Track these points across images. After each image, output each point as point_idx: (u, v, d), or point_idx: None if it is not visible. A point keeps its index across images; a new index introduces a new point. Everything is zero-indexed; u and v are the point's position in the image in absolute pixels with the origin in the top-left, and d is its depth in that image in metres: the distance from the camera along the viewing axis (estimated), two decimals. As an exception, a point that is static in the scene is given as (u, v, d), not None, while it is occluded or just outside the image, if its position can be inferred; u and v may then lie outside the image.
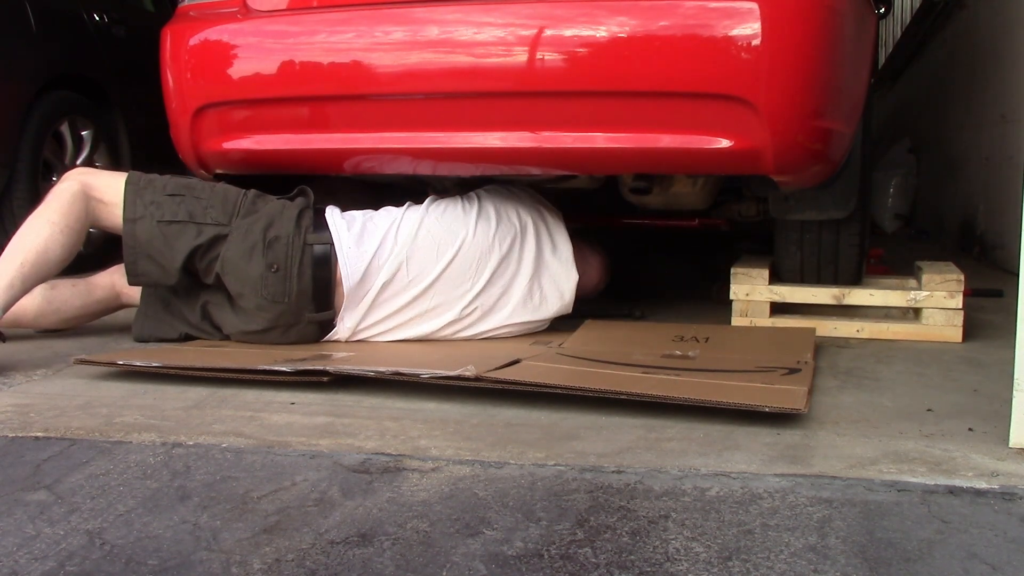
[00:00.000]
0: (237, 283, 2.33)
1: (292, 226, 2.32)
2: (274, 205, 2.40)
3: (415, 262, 2.37)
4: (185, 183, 2.40)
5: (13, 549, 1.28)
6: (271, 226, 2.32)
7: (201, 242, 2.32)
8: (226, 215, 2.35)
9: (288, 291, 2.29)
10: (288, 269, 2.29)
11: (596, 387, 1.83)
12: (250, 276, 2.30)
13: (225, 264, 2.32)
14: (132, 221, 2.33)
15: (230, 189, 2.42)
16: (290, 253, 2.30)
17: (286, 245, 2.30)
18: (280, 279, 2.29)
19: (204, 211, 2.34)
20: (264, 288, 2.30)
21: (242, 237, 2.31)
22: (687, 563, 1.23)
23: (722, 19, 2.20)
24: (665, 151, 2.32)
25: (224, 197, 2.38)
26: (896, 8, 7.24)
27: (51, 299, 2.50)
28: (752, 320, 2.71)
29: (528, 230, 2.50)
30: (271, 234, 2.31)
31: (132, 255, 2.34)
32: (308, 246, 2.31)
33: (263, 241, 2.30)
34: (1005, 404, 1.67)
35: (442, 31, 2.36)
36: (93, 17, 4.23)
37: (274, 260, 2.29)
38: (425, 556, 1.25)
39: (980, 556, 1.25)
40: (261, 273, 2.29)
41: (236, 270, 2.31)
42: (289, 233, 2.31)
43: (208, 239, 2.33)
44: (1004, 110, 4.44)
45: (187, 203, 2.34)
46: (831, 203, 2.60)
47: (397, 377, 1.96)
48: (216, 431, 1.73)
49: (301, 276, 2.30)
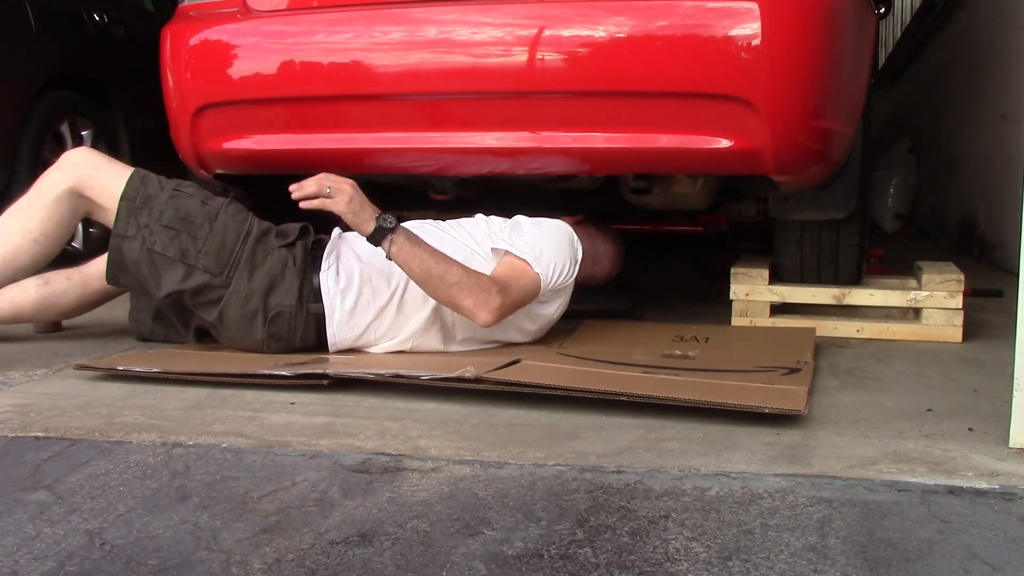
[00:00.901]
0: (239, 337, 2.28)
1: (294, 299, 2.22)
2: (275, 261, 2.24)
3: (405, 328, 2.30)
4: (183, 215, 2.23)
5: (13, 549, 1.28)
6: (272, 292, 2.22)
7: (187, 287, 2.21)
8: (220, 265, 2.21)
9: (290, 349, 2.28)
10: (290, 338, 2.26)
11: (596, 388, 1.83)
12: (252, 338, 2.26)
13: (225, 320, 2.25)
14: (121, 237, 2.22)
15: (229, 230, 2.24)
16: (292, 325, 2.24)
17: (289, 319, 2.23)
18: (282, 345, 2.27)
19: (196, 255, 2.20)
20: (266, 348, 2.27)
21: (243, 301, 2.22)
22: (687, 563, 1.23)
23: (722, 19, 2.20)
24: (665, 151, 2.32)
25: (221, 243, 2.22)
26: (896, 8, 7.24)
27: (46, 295, 2.45)
28: (752, 320, 2.71)
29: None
30: (273, 307, 2.22)
31: (115, 268, 2.25)
32: (311, 316, 2.24)
33: (264, 312, 2.22)
34: (1005, 404, 1.67)
35: (442, 31, 2.36)
36: (93, 17, 4.23)
37: (276, 331, 2.24)
38: (425, 556, 1.25)
39: (980, 556, 1.25)
40: (262, 339, 2.25)
41: (238, 329, 2.26)
42: (291, 307, 2.23)
43: (196, 285, 2.21)
44: (1004, 110, 4.44)
45: (181, 240, 2.21)
46: (831, 203, 2.60)
47: (397, 380, 1.96)
48: (216, 431, 1.73)
49: (304, 339, 2.27)
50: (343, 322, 2.24)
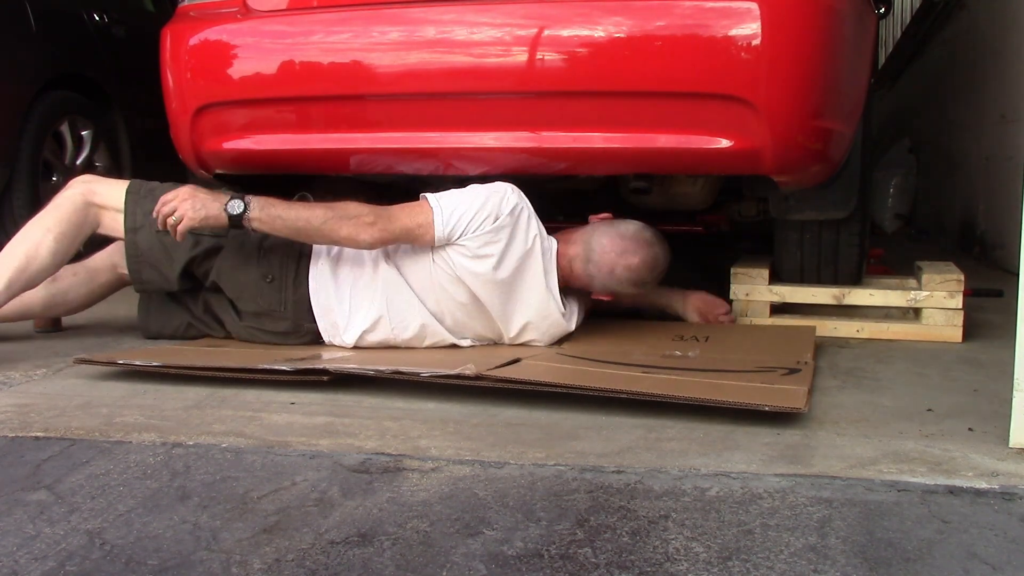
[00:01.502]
0: (234, 289, 2.34)
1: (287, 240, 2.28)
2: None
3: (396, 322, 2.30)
4: None
5: (13, 549, 1.28)
6: (268, 235, 2.29)
7: (198, 253, 2.33)
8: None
9: (283, 300, 2.30)
10: (283, 279, 2.28)
11: (596, 386, 1.83)
12: (245, 284, 2.31)
13: (220, 273, 2.33)
14: (133, 230, 2.36)
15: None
16: (285, 264, 2.29)
17: (281, 256, 2.29)
18: (275, 288, 2.29)
19: None
20: (260, 296, 2.30)
21: (238, 246, 2.31)
22: (687, 563, 1.23)
23: (722, 19, 2.20)
24: (665, 151, 2.32)
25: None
26: (896, 8, 7.24)
27: (55, 292, 2.51)
28: (752, 320, 2.71)
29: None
30: (267, 243, 2.30)
31: (135, 264, 2.38)
32: (304, 257, 2.30)
33: (259, 250, 2.30)
34: (1005, 404, 1.67)
35: (442, 31, 2.36)
36: (93, 17, 4.23)
37: (269, 271, 2.28)
38: (425, 556, 1.25)
39: (980, 556, 1.25)
40: (256, 281, 2.29)
41: (232, 278, 2.32)
42: (284, 243, 2.28)
43: (204, 249, 2.34)
44: (1004, 110, 4.44)
45: None
46: (831, 203, 2.60)
47: (397, 376, 1.96)
48: (216, 431, 1.73)
49: (297, 286, 2.29)
50: (326, 267, 2.28)
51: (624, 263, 2.27)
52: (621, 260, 2.27)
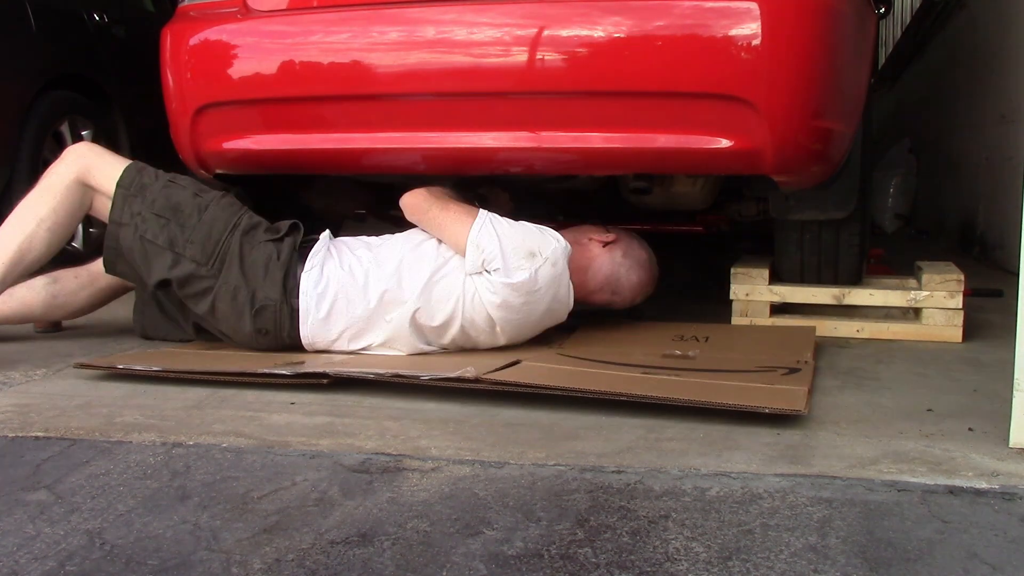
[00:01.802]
0: (230, 331, 2.31)
1: (279, 292, 2.24)
2: (259, 255, 2.28)
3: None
4: (174, 204, 2.31)
5: (13, 549, 1.28)
6: (257, 289, 2.25)
7: (174, 276, 2.27)
8: (205, 255, 2.26)
9: (280, 346, 2.29)
10: (277, 332, 2.26)
11: (596, 389, 1.83)
12: (242, 331, 2.28)
13: (218, 312, 2.29)
14: (117, 224, 2.31)
15: (217, 221, 2.30)
16: (278, 320, 2.25)
17: (274, 313, 2.25)
18: (271, 340, 2.28)
19: (184, 244, 2.27)
20: (257, 345, 2.29)
21: (231, 295, 2.26)
22: (687, 563, 1.23)
23: (722, 19, 2.20)
24: (665, 151, 2.32)
25: (208, 232, 2.28)
26: (896, 8, 7.24)
27: (56, 293, 2.50)
28: (752, 320, 2.71)
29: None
30: (259, 300, 2.24)
31: (112, 254, 2.34)
32: (296, 311, 2.25)
33: (251, 306, 2.25)
34: (1005, 404, 1.67)
35: (442, 31, 2.36)
36: (93, 17, 4.23)
37: (263, 325, 2.26)
38: (425, 556, 1.25)
39: (980, 556, 1.25)
40: (252, 333, 2.27)
41: (228, 322, 2.29)
42: (276, 301, 2.24)
43: (183, 274, 2.27)
44: (1004, 110, 4.44)
45: (170, 229, 2.28)
46: (831, 203, 2.60)
47: (397, 379, 1.96)
48: (216, 431, 1.73)
49: (292, 336, 2.27)
50: (317, 325, 2.25)
51: (643, 292, 2.49)
52: (641, 289, 2.47)
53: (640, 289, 2.46)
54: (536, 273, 2.19)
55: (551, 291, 2.23)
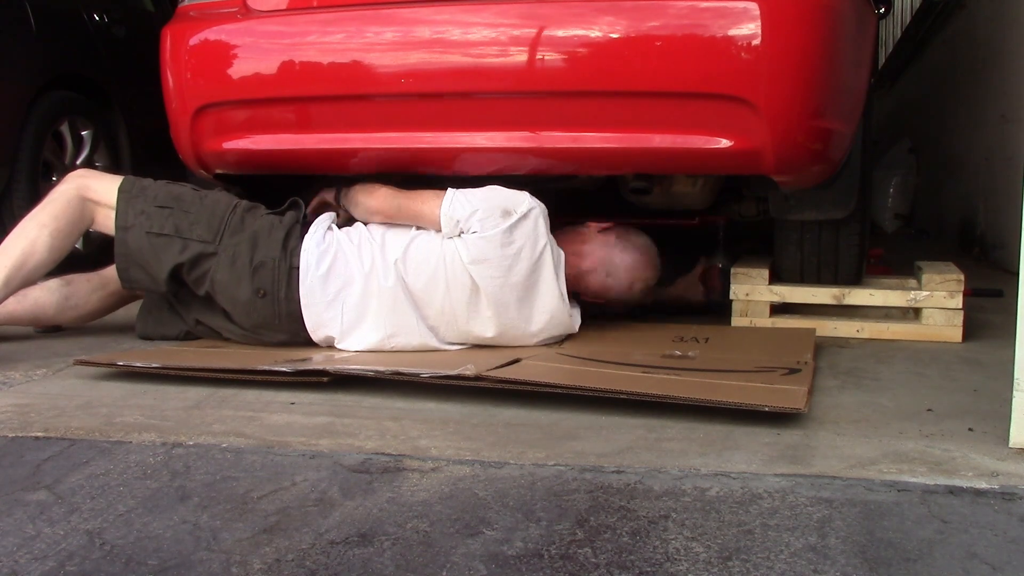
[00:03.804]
0: (228, 303, 2.34)
1: (278, 250, 2.29)
2: (262, 223, 2.35)
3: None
4: (175, 195, 2.38)
5: (13, 549, 1.28)
6: (257, 248, 2.29)
7: (184, 259, 2.31)
8: (211, 232, 2.32)
9: (277, 314, 2.29)
10: (275, 293, 2.27)
11: (596, 386, 1.83)
12: (240, 299, 2.30)
13: (216, 285, 2.32)
14: (124, 229, 2.35)
15: (219, 202, 2.39)
16: (276, 278, 2.27)
17: (272, 270, 2.27)
18: (268, 303, 2.28)
19: (190, 227, 2.32)
20: (254, 311, 2.30)
21: (230, 260, 2.30)
22: (687, 563, 1.23)
23: (721, 19, 2.20)
24: (665, 151, 2.32)
25: (212, 212, 2.35)
26: (896, 8, 7.24)
27: (68, 295, 2.54)
28: (752, 320, 2.71)
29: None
30: (257, 259, 2.28)
31: (124, 262, 2.37)
32: (294, 269, 2.27)
33: (250, 265, 2.28)
34: (1005, 404, 1.67)
35: (441, 31, 2.36)
36: (93, 17, 4.23)
37: (261, 285, 2.28)
38: (425, 556, 1.25)
39: (980, 556, 1.25)
40: (249, 297, 2.29)
41: (226, 292, 2.31)
42: (275, 258, 2.28)
43: (192, 256, 2.31)
44: (1004, 110, 4.44)
45: (175, 217, 2.33)
46: (831, 203, 2.60)
47: (397, 377, 1.96)
48: (216, 431, 1.73)
49: (289, 300, 2.28)
50: (316, 283, 2.26)
51: (642, 277, 2.46)
52: (640, 275, 2.45)
53: (636, 272, 2.43)
54: (511, 228, 2.21)
55: (530, 251, 2.22)
